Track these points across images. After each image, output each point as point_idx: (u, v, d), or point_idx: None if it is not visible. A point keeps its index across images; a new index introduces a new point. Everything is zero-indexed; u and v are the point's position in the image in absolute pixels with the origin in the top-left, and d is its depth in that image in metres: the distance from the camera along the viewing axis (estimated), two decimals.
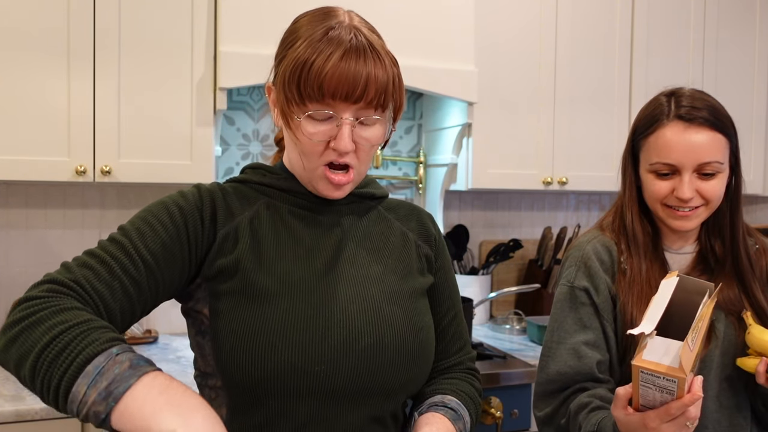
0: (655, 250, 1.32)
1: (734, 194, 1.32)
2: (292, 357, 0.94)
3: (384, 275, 1.06)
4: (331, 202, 1.07)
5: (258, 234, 1.01)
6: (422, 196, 2.73)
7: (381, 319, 1.01)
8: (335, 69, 0.92)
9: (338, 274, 1.02)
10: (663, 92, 1.32)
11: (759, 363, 1.18)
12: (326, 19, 0.98)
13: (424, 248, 1.14)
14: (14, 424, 1.63)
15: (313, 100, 0.94)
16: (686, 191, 1.23)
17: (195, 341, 1.03)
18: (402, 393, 1.06)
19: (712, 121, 1.24)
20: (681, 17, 2.79)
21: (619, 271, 1.30)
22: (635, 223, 1.32)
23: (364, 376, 0.98)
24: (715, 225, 1.33)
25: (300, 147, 0.99)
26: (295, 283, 0.98)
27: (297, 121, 0.96)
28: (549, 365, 1.30)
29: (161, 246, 0.95)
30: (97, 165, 1.98)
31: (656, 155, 1.26)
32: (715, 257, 1.33)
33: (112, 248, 0.92)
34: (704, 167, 1.23)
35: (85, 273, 0.89)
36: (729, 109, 1.29)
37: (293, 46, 0.97)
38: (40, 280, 0.89)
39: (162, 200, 1.00)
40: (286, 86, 0.95)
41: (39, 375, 0.80)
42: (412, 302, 1.07)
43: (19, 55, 1.91)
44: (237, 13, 2.05)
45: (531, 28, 2.52)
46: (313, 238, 1.04)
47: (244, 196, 1.05)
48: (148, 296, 0.94)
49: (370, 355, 0.99)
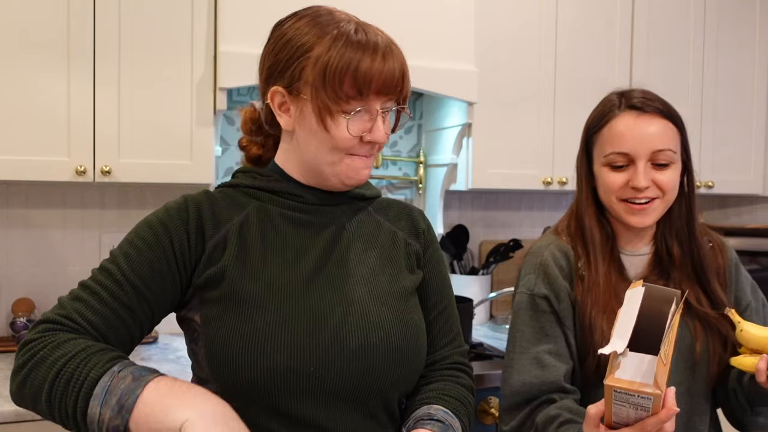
0: (612, 253, 1.29)
1: (689, 193, 1.30)
2: (282, 358, 0.95)
3: (372, 276, 1.07)
4: (322, 204, 1.07)
5: (246, 240, 1.02)
6: (422, 196, 2.73)
7: (368, 320, 1.02)
8: (382, 68, 0.97)
9: (326, 277, 1.03)
10: (613, 92, 1.32)
11: (760, 360, 1.14)
12: (331, 21, 1.00)
13: (414, 245, 1.15)
14: (14, 424, 1.63)
15: (355, 99, 0.98)
16: (641, 180, 1.21)
17: (190, 348, 1.06)
18: (395, 391, 1.06)
19: (663, 110, 1.24)
20: (681, 17, 2.79)
21: (577, 276, 1.28)
22: (592, 224, 1.29)
23: (355, 376, 0.99)
24: (671, 226, 1.31)
25: (331, 143, 1.00)
26: (282, 287, 1.00)
27: (343, 119, 0.98)
28: (513, 377, 1.26)
29: (148, 267, 0.98)
30: (97, 165, 1.98)
31: (610, 146, 1.25)
32: (671, 258, 1.31)
33: (100, 277, 0.97)
34: (658, 156, 1.22)
35: (76, 306, 0.95)
36: (729, 108, 1.29)
37: (311, 51, 0.98)
38: (36, 320, 0.96)
39: (147, 219, 1.03)
40: (324, 88, 0.97)
41: (55, 407, 0.88)
42: (402, 302, 1.08)
43: (19, 55, 1.91)
44: (237, 13, 2.05)
45: (531, 28, 2.52)
46: (302, 241, 1.04)
47: (234, 201, 1.06)
48: (142, 317, 0.99)
49: (359, 356, 1.00)
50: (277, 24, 1.07)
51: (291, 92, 1.01)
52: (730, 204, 3.29)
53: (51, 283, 2.26)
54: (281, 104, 1.03)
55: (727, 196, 3.16)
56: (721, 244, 1.38)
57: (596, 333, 1.21)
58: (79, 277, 1.04)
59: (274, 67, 1.03)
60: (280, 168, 1.09)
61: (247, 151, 1.16)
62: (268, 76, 1.04)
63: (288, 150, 1.08)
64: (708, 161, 2.84)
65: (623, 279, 1.28)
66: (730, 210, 3.29)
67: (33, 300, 2.20)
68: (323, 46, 0.98)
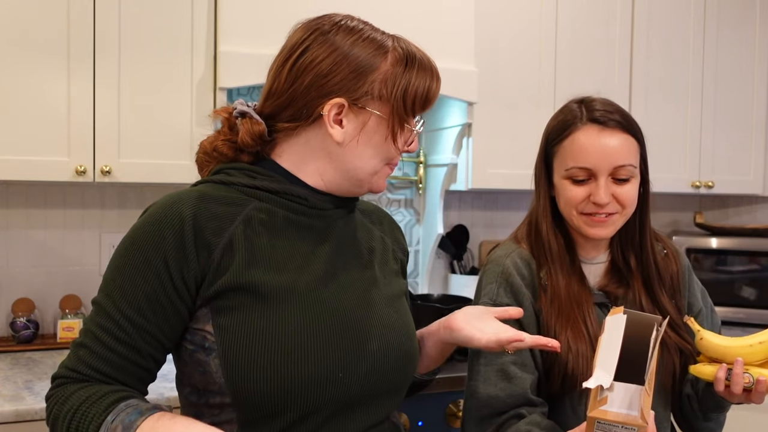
0: (572, 262, 1.29)
1: (643, 202, 1.30)
2: (311, 367, 0.94)
3: (375, 279, 1.08)
4: (323, 208, 1.05)
5: (253, 243, 0.98)
6: (422, 196, 2.73)
7: (384, 323, 1.03)
8: (439, 88, 1.05)
9: (338, 281, 1.02)
10: (572, 100, 1.31)
11: (718, 369, 1.15)
12: (382, 37, 1.03)
13: (398, 253, 1.19)
14: (14, 424, 1.62)
15: (417, 114, 1.05)
16: (603, 196, 1.21)
17: (192, 359, 0.98)
18: (401, 393, 1.09)
19: (624, 124, 1.23)
20: (681, 17, 2.79)
21: (540, 286, 1.27)
22: (550, 235, 1.29)
23: (375, 379, 1.01)
24: (625, 235, 1.31)
25: (389, 155, 1.04)
26: (301, 292, 0.97)
27: (410, 133, 1.05)
28: (479, 389, 1.23)
29: (145, 299, 0.94)
30: (97, 165, 1.98)
31: (572, 160, 1.24)
32: (627, 265, 1.32)
33: (98, 318, 0.95)
34: (619, 171, 1.22)
35: (81, 354, 0.95)
36: (729, 108, 1.29)
37: (380, 67, 1.00)
38: (52, 375, 0.98)
39: (134, 238, 0.96)
40: (404, 106, 1.01)
41: None
42: (401, 304, 1.11)
43: (19, 54, 1.91)
44: (237, 13, 2.05)
45: (531, 28, 2.52)
46: (307, 244, 1.02)
47: (230, 199, 1.00)
48: (150, 350, 0.96)
49: (379, 358, 1.01)
50: (315, 32, 1.02)
51: (356, 105, 0.99)
52: (730, 204, 3.29)
53: (51, 283, 2.26)
54: (336, 116, 1.00)
55: (727, 196, 3.16)
56: (675, 251, 1.38)
57: (561, 345, 1.19)
58: (79, 277, 1.04)
59: (332, 76, 0.98)
60: (285, 170, 1.04)
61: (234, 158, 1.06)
62: (322, 85, 0.99)
63: (313, 156, 1.03)
64: (708, 161, 2.84)
65: (584, 288, 1.28)
66: (730, 210, 3.29)
67: (33, 300, 2.20)
68: (394, 63, 1.01)
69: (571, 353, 1.20)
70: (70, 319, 2.16)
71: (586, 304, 1.25)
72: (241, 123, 1.04)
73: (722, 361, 1.16)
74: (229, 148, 1.05)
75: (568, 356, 1.20)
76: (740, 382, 1.13)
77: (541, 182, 1.32)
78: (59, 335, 2.15)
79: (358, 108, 0.99)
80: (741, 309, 2.74)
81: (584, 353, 1.21)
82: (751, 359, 1.15)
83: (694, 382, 1.30)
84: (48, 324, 2.24)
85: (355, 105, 0.99)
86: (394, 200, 2.73)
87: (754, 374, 1.13)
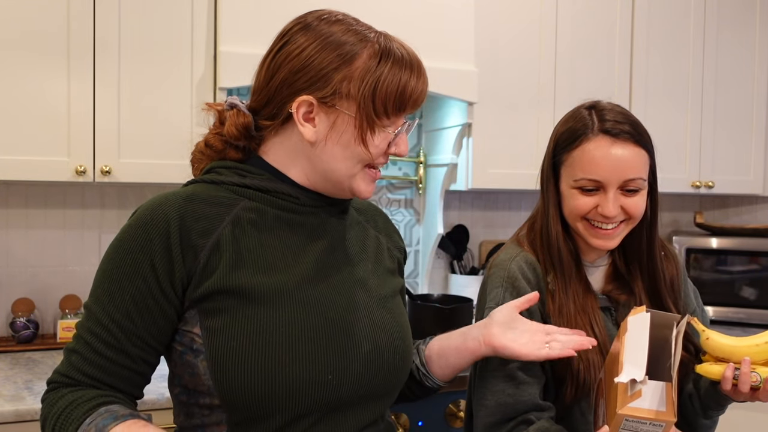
0: (579, 270, 1.28)
1: (652, 215, 1.29)
2: (301, 368, 0.93)
3: (368, 279, 1.06)
4: (315, 206, 1.04)
5: (241, 243, 0.96)
6: (422, 196, 2.73)
7: (375, 324, 1.02)
8: (422, 88, 1.00)
9: (329, 280, 1.01)
10: (582, 105, 1.30)
11: (726, 369, 1.15)
12: (360, 29, 0.99)
13: (394, 251, 1.17)
14: (14, 424, 1.62)
15: (393, 115, 0.98)
16: (611, 208, 1.20)
17: (182, 360, 0.98)
18: (395, 393, 1.08)
19: (635, 136, 1.22)
20: (681, 17, 2.79)
21: (547, 291, 1.26)
22: (560, 242, 1.27)
23: (366, 381, 0.99)
24: (631, 245, 1.30)
25: (362, 156, 0.98)
26: (290, 293, 0.96)
27: (387, 133, 0.99)
28: (487, 397, 1.22)
29: (132, 303, 0.94)
30: (97, 165, 1.98)
31: (581, 171, 1.22)
32: (628, 268, 1.32)
33: (89, 323, 0.95)
34: (628, 184, 1.21)
35: (73, 359, 0.96)
36: (729, 109, 1.29)
37: (352, 64, 0.95)
38: (47, 380, 0.99)
39: (122, 240, 0.96)
40: (373, 105, 0.96)
41: None
42: (395, 304, 1.09)
43: (19, 55, 1.91)
44: (237, 13, 2.05)
45: (531, 28, 2.52)
46: (298, 243, 1.01)
47: (218, 199, 0.98)
48: (141, 354, 0.96)
49: (371, 359, 1.00)
50: (297, 26, 1.01)
51: (325, 103, 0.96)
52: (730, 204, 3.29)
53: (51, 283, 2.26)
54: (306, 114, 0.98)
55: (727, 196, 3.16)
56: (673, 253, 1.39)
57: (573, 356, 1.19)
58: (79, 277, 1.05)
59: (303, 73, 0.97)
60: (274, 167, 1.02)
61: (223, 155, 1.06)
62: (293, 82, 0.97)
63: (295, 155, 1.02)
64: (708, 161, 2.84)
65: (590, 294, 1.28)
66: (730, 210, 3.29)
67: (33, 300, 2.20)
68: (367, 60, 0.96)
69: (582, 362, 1.20)
70: (70, 319, 2.17)
71: (593, 311, 1.25)
72: (229, 115, 1.05)
73: (729, 361, 1.17)
74: (219, 141, 1.06)
75: (579, 365, 1.20)
76: (748, 381, 1.14)
77: (549, 188, 1.30)
78: (59, 335, 2.15)
79: (328, 106, 0.97)
80: (741, 309, 2.75)
81: (594, 361, 1.21)
82: (757, 358, 1.16)
83: (695, 381, 1.30)
84: (48, 324, 2.25)
85: (324, 103, 0.96)
86: (394, 200, 2.73)
87: (762, 373, 1.15)
